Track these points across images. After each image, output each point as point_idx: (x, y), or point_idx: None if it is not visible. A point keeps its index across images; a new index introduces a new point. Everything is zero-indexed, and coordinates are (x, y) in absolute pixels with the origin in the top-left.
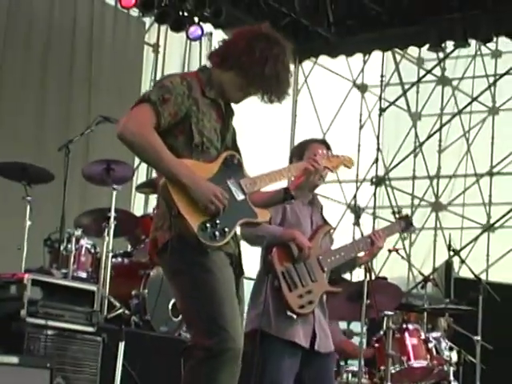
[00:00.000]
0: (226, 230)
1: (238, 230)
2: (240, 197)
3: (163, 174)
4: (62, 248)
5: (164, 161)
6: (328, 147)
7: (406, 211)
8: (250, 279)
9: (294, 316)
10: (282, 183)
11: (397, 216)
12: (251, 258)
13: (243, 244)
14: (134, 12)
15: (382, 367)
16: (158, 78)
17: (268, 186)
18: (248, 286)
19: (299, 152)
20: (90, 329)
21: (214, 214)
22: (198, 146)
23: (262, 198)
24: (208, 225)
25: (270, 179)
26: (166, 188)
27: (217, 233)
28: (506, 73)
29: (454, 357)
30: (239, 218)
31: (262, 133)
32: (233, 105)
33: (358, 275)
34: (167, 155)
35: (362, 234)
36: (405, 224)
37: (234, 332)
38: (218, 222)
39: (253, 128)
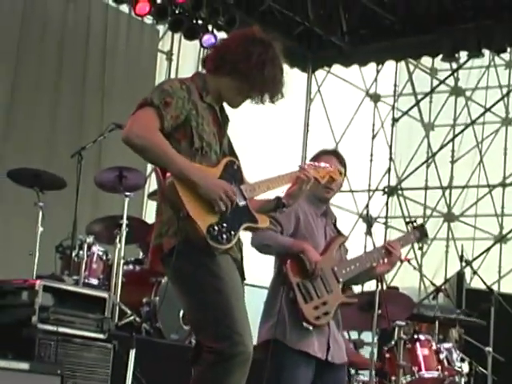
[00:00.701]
0: (232, 233)
1: (240, 234)
2: (241, 202)
3: (173, 173)
4: (73, 255)
5: (173, 160)
6: (339, 157)
7: (419, 221)
8: (262, 287)
9: (311, 327)
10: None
11: (411, 226)
12: (260, 266)
13: (252, 252)
14: (148, 20)
15: (393, 377)
16: None
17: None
18: (260, 295)
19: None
20: (101, 336)
21: (223, 210)
22: (198, 150)
23: (254, 206)
24: (216, 227)
25: (268, 186)
26: (174, 188)
27: (224, 235)
28: None
29: (466, 368)
30: (243, 223)
31: (274, 142)
32: (237, 112)
33: (369, 285)
34: (175, 155)
35: (374, 244)
36: (419, 234)
37: (245, 335)
38: (224, 224)
39: (265, 137)
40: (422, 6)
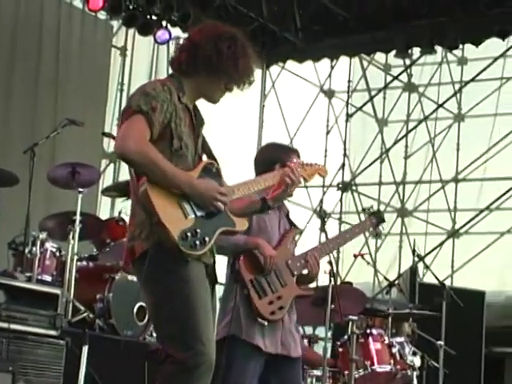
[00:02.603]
0: (207, 239)
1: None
2: None
3: (168, 186)
4: (26, 251)
5: (168, 175)
6: (298, 155)
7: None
8: (221, 284)
9: (265, 323)
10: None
11: (367, 212)
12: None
13: None
14: (102, 15)
15: (346, 372)
16: (125, 82)
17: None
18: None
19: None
20: (54, 332)
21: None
22: (177, 150)
23: (238, 207)
24: (188, 233)
25: (248, 188)
26: (147, 195)
27: (197, 242)
28: (472, 80)
29: (418, 361)
30: (218, 227)
31: (229, 138)
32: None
33: (322, 280)
34: (169, 167)
35: (328, 239)
36: (376, 220)
37: (209, 345)
38: (198, 230)
39: (220, 133)
40: (375, 3)
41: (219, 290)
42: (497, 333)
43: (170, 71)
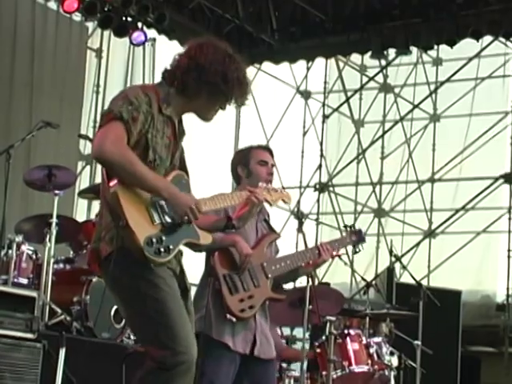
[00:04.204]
0: (171, 247)
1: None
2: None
3: (145, 190)
4: (2, 254)
5: (147, 178)
6: (271, 153)
7: (349, 217)
8: (193, 285)
9: (234, 319)
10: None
11: (349, 230)
12: (194, 264)
13: (186, 249)
14: (77, 16)
15: (324, 372)
16: (101, 84)
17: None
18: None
19: (244, 160)
20: (30, 335)
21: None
22: (151, 162)
23: (204, 222)
24: (154, 240)
25: (215, 204)
26: (116, 198)
27: (161, 249)
28: (447, 80)
29: (395, 361)
30: (183, 238)
31: (206, 139)
32: None
33: (300, 281)
34: (147, 172)
35: (305, 240)
36: (356, 238)
37: (187, 344)
38: (163, 238)
39: (197, 134)
40: (351, 5)
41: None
42: (473, 332)
43: (158, 77)
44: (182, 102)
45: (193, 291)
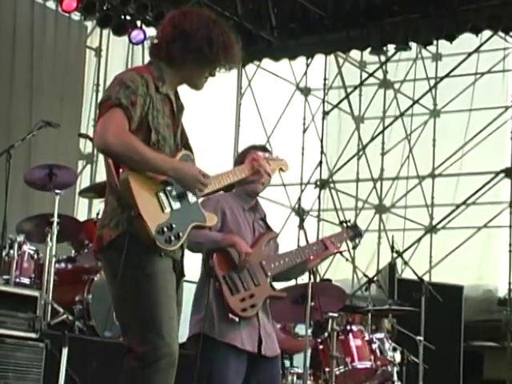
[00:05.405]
0: (180, 234)
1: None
2: (192, 199)
3: (154, 173)
4: (3, 254)
5: (151, 160)
6: (265, 150)
7: (350, 213)
8: (191, 282)
9: (236, 319)
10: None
11: (345, 225)
12: (192, 261)
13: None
14: (76, 16)
15: (327, 369)
16: (100, 82)
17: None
18: (188, 290)
19: (240, 159)
20: (33, 335)
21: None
22: (154, 144)
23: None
24: (165, 228)
25: (219, 182)
26: (128, 184)
27: (172, 237)
28: (447, 75)
29: (398, 357)
30: (191, 222)
31: (206, 137)
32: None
33: (302, 278)
34: (150, 153)
35: (307, 237)
36: (353, 233)
37: (170, 340)
38: (173, 225)
39: (197, 132)
40: (350, 1)
41: (191, 289)
42: (475, 327)
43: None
44: (173, 73)
45: (192, 290)
